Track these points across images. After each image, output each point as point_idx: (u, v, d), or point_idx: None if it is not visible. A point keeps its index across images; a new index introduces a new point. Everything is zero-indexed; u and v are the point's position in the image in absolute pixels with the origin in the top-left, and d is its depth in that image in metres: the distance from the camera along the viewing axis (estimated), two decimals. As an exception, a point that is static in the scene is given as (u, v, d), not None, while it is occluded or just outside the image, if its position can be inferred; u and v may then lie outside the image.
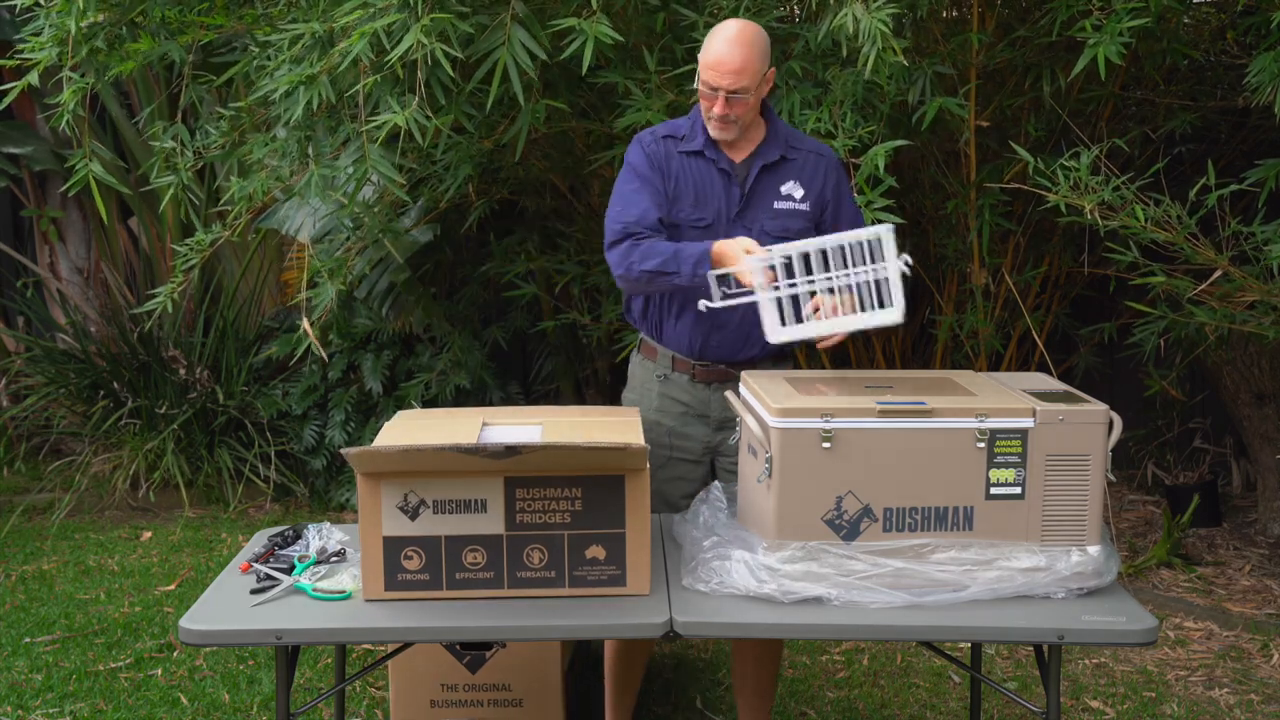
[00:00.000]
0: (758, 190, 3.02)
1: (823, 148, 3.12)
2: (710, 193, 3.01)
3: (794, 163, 3.04)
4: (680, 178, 3.03)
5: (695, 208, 3.01)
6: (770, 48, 2.96)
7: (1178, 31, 4.33)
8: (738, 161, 3.02)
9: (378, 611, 2.61)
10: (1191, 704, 3.69)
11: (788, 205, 3.03)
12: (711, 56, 2.89)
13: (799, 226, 3.02)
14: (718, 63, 2.87)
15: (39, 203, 6.65)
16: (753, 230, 2.99)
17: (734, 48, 2.87)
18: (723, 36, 2.89)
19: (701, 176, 3.02)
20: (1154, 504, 5.32)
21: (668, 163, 3.03)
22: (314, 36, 3.61)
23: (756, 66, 2.89)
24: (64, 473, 5.80)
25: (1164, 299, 4.20)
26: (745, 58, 2.87)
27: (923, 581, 2.59)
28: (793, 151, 3.04)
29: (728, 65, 2.87)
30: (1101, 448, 2.62)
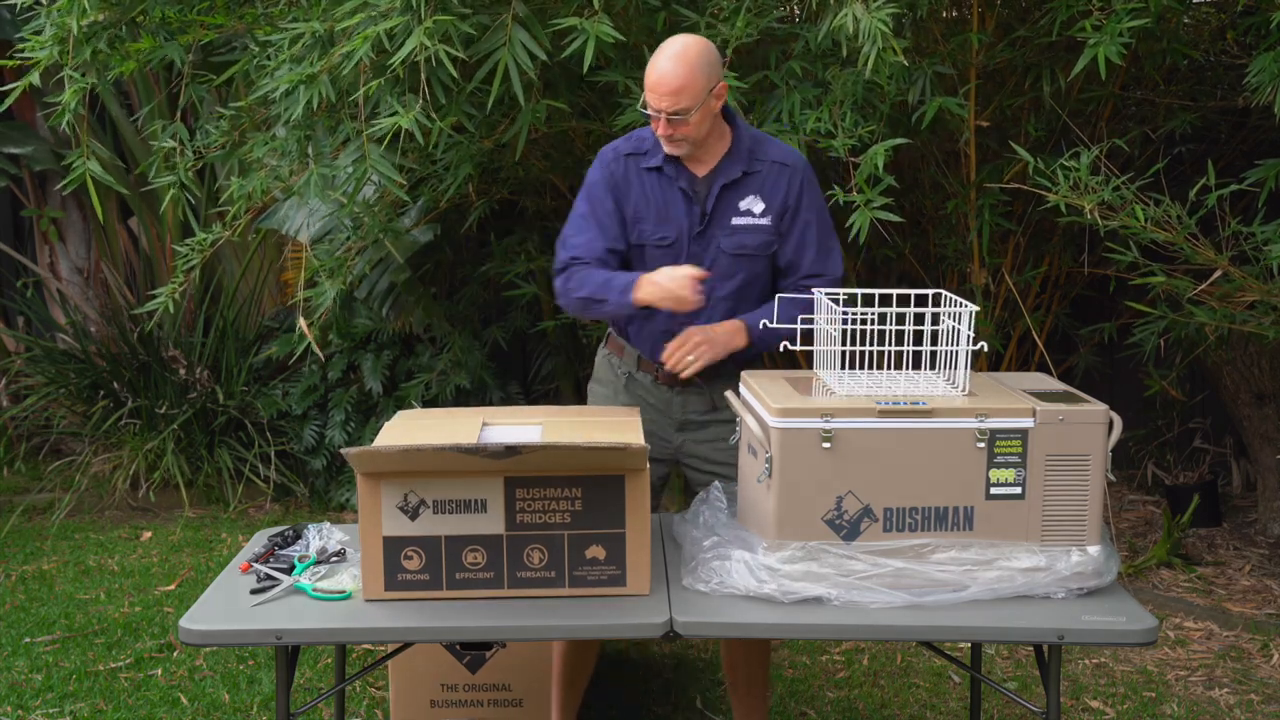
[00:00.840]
0: (719, 208, 2.97)
1: (789, 156, 3.02)
2: (672, 211, 2.98)
3: (756, 175, 2.97)
4: (641, 196, 2.99)
5: (658, 226, 2.98)
6: (718, 61, 2.89)
7: (1178, 31, 4.33)
8: (700, 176, 2.97)
9: (378, 611, 2.61)
10: (1191, 704, 3.69)
11: (746, 221, 2.97)
12: (652, 77, 2.82)
13: (757, 242, 2.98)
14: (657, 83, 2.82)
15: (39, 203, 6.65)
16: (710, 247, 2.97)
17: (673, 67, 2.80)
18: (664, 55, 2.82)
19: (662, 194, 2.98)
20: (1154, 504, 5.32)
21: (627, 182, 3.00)
22: (314, 36, 3.61)
23: (699, 85, 2.81)
24: (64, 473, 5.80)
25: (1164, 299, 4.20)
26: (685, 77, 2.80)
27: (923, 581, 2.59)
28: (756, 164, 2.97)
29: (666, 86, 2.80)
30: (1101, 448, 2.62)
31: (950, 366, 2.79)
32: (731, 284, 3.00)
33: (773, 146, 3.02)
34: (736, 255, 2.98)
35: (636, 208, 2.99)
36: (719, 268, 2.98)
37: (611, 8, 3.59)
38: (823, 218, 3.04)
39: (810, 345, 2.86)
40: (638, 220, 2.99)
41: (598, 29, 3.38)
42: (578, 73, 3.89)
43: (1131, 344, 4.44)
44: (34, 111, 6.49)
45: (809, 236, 3.00)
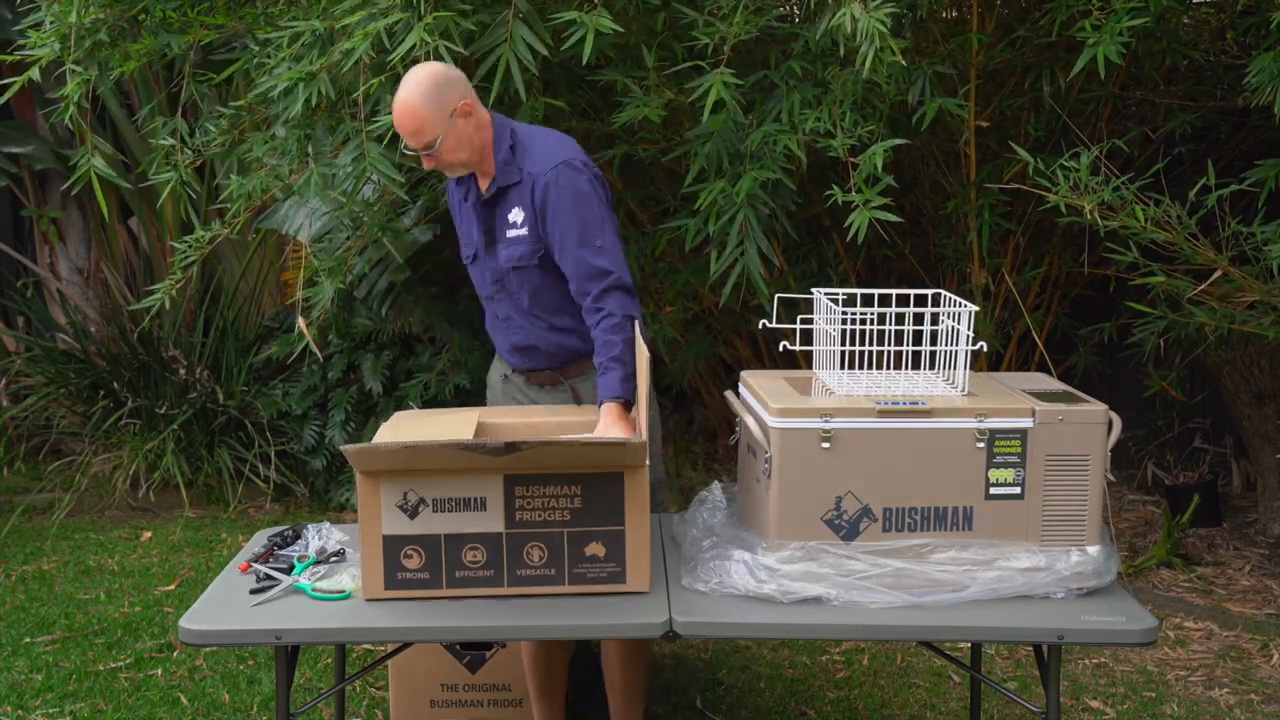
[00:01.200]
0: (495, 222, 3.05)
1: (538, 163, 2.97)
2: (469, 228, 3.12)
3: (515, 187, 3.00)
4: (459, 214, 3.17)
5: (466, 244, 3.15)
6: (451, 82, 2.90)
7: (1177, 31, 4.32)
8: (484, 192, 3.06)
9: (378, 611, 2.61)
10: (1191, 704, 3.69)
11: (514, 233, 3.02)
12: (394, 118, 2.90)
13: (521, 252, 3.02)
14: (397, 125, 2.90)
15: (39, 203, 6.65)
16: (499, 262, 3.06)
17: (404, 108, 2.86)
18: (398, 97, 2.88)
19: (467, 213, 3.13)
20: (1154, 504, 5.32)
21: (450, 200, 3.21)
22: (314, 34, 3.61)
23: (436, 116, 2.87)
24: (64, 473, 5.80)
25: (1164, 299, 4.20)
26: (418, 117, 2.86)
27: (922, 581, 2.60)
28: (515, 174, 2.99)
29: (404, 129, 2.89)
30: (1101, 448, 2.63)
31: (950, 366, 2.79)
32: (525, 294, 3.07)
33: (530, 155, 2.99)
34: (512, 269, 3.05)
35: (458, 225, 3.19)
36: (510, 281, 3.07)
37: (611, 6, 3.59)
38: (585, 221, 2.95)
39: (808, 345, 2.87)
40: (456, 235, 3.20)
41: (597, 21, 3.38)
42: (578, 72, 3.89)
43: (1131, 344, 4.44)
44: (34, 111, 6.48)
45: (568, 240, 2.95)
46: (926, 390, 2.73)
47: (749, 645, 4.05)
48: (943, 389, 2.74)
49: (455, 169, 2.99)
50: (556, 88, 4.08)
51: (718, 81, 3.43)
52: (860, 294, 2.84)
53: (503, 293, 3.10)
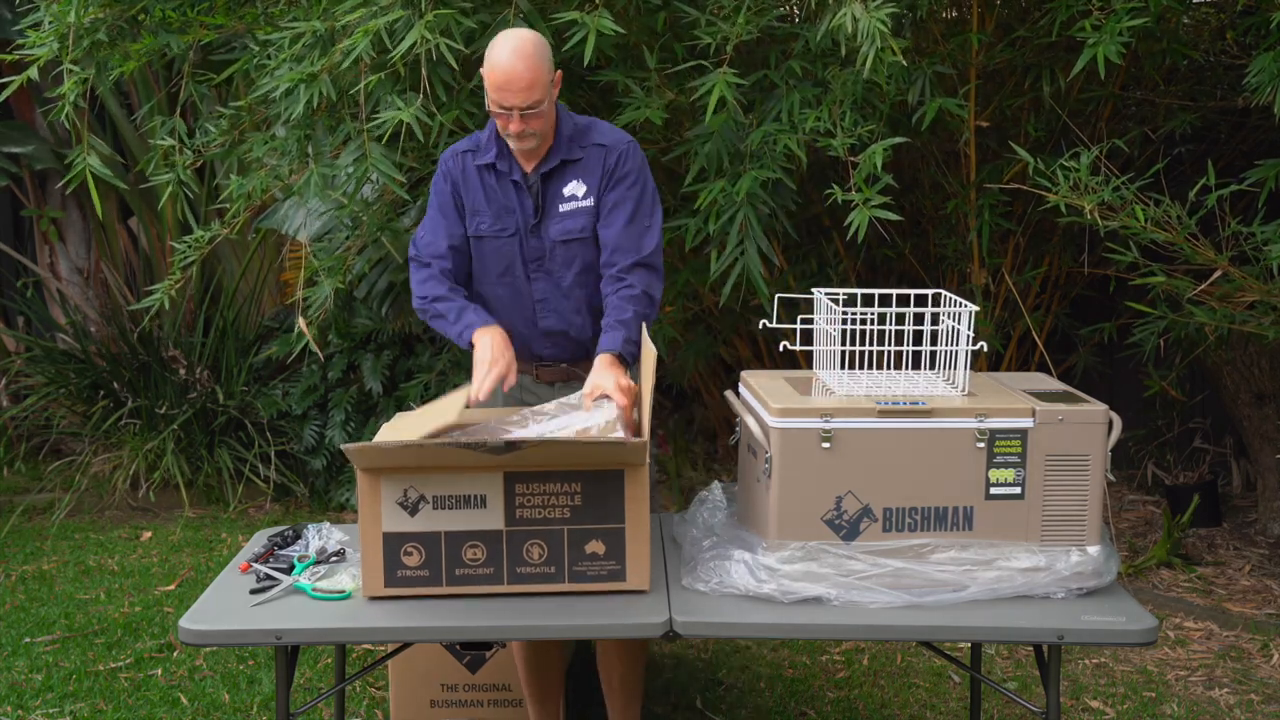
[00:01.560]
0: (547, 197, 3.02)
1: (608, 137, 3.04)
2: (507, 205, 3.05)
3: (577, 163, 3.01)
4: (479, 191, 3.07)
5: (496, 220, 3.06)
6: (551, 51, 2.94)
7: (1177, 32, 4.32)
8: (529, 171, 3.02)
9: (378, 611, 2.61)
10: (1191, 704, 3.69)
11: (570, 206, 3.02)
12: (499, 76, 2.85)
13: (579, 224, 3.01)
14: (507, 82, 2.84)
15: (39, 203, 6.65)
16: (545, 239, 3.02)
17: (520, 63, 2.83)
18: (506, 53, 2.85)
19: (498, 190, 3.06)
20: (1154, 504, 5.32)
21: (465, 178, 3.08)
22: (315, 34, 3.61)
23: (545, 77, 2.87)
24: (64, 473, 5.80)
25: (1164, 299, 4.20)
26: (533, 71, 2.84)
27: (922, 581, 2.60)
28: (577, 150, 3.01)
29: (519, 83, 2.84)
30: (1101, 448, 2.63)
31: (950, 366, 2.79)
32: (571, 271, 3.04)
33: (598, 131, 3.06)
34: (565, 241, 3.02)
35: (474, 202, 3.07)
36: (556, 257, 3.03)
37: (612, 6, 3.59)
38: (642, 197, 3.03)
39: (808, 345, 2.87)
40: (475, 213, 3.07)
41: (598, 22, 3.38)
42: (578, 72, 3.89)
43: (1131, 344, 4.44)
44: (34, 111, 6.48)
45: (621, 210, 3.00)
46: (927, 390, 2.73)
47: (749, 645, 4.05)
48: (943, 389, 2.74)
49: (529, 139, 2.92)
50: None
51: (720, 81, 3.43)
52: (860, 294, 2.84)
53: (541, 271, 3.05)
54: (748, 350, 5.32)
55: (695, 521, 2.87)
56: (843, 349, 2.77)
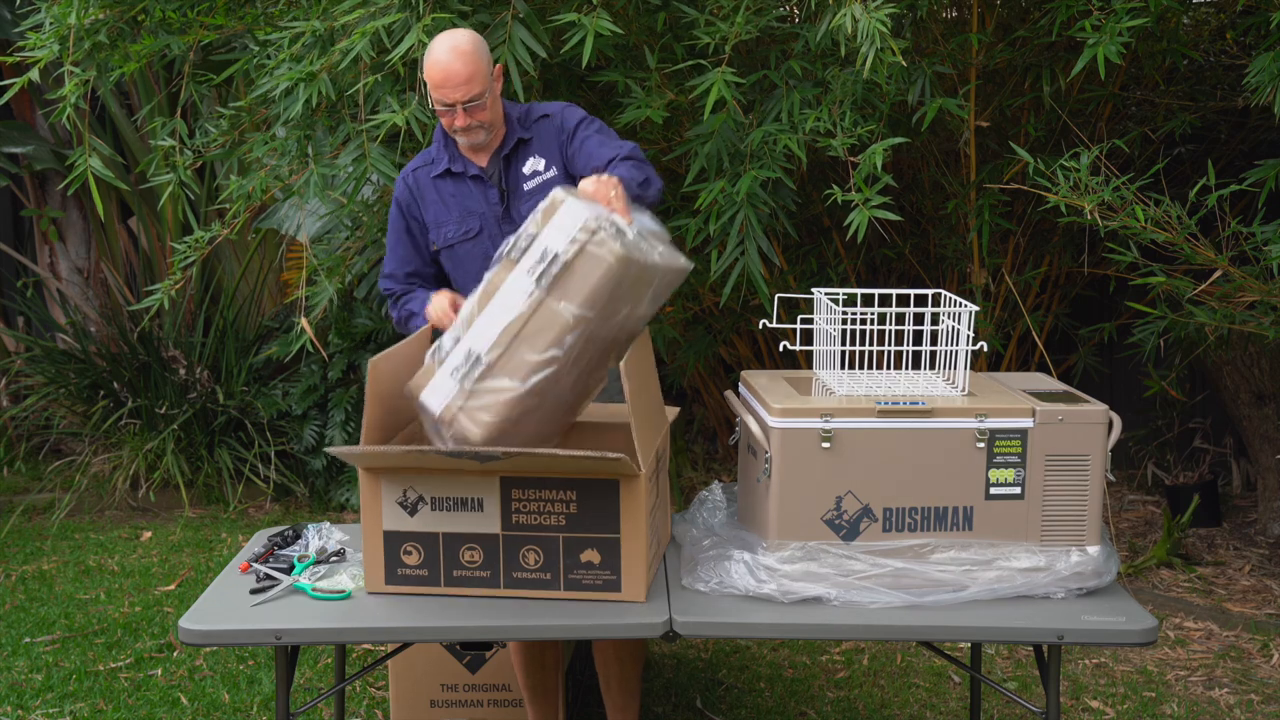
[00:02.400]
0: (510, 180, 3.06)
1: (551, 108, 3.11)
2: (471, 203, 3.08)
3: (530, 141, 3.07)
4: (438, 203, 3.10)
5: (460, 223, 3.09)
6: (488, 46, 3.00)
7: (1177, 32, 4.32)
8: (486, 164, 3.07)
9: (378, 611, 2.61)
10: (1191, 704, 3.69)
11: (535, 182, 3.06)
12: (438, 74, 2.91)
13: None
14: (445, 78, 2.90)
15: (39, 203, 6.65)
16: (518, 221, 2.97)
17: (457, 59, 2.89)
18: (442, 51, 2.91)
19: (459, 193, 3.09)
20: (1154, 504, 5.32)
21: (421, 196, 3.11)
22: (314, 34, 3.61)
23: (484, 70, 2.93)
24: (64, 473, 5.80)
25: (1164, 299, 4.20)
26: (471, 65, 2.90)
27: (922, 581, 2.60)
28: (527, 129, 3.07)
29: (457, 78, 2.89)
30: (1101, 448, 2.63)
31: (950, 366, 2.79)
32: None
33: (538, 108, 3.12)
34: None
35: (436, 215, 3.11)
36: None
37: (611, 6, 3.59)
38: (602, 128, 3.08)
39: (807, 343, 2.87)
40: (439, 225, 3.11)
41: (596, 24, 3.38)
42: (577, 72, 3.89)
43: (1131, 344, 4.44)
44: (34, 111, 6.49)
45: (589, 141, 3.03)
46: (926, 390, 2.73)
47: (749, 645, 4.05)
48: (943, 389, 2.74)
49: (476, 133, 2.98)
50: (556, 87, 4.08)
51: (719, 80, 3.43)
52: (860, 294, 2.84)
53: None
54: (748, 350, 5.32)
55: (695, 521, 2.87)
56: (843, 349, 2.77)
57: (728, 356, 5.43)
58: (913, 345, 2.76)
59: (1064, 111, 4.40)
